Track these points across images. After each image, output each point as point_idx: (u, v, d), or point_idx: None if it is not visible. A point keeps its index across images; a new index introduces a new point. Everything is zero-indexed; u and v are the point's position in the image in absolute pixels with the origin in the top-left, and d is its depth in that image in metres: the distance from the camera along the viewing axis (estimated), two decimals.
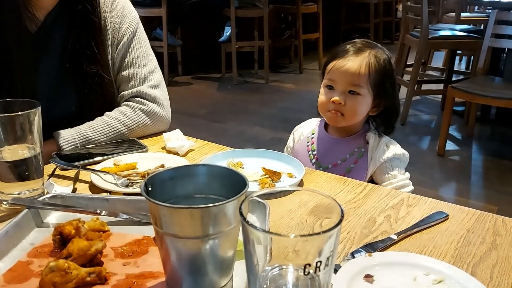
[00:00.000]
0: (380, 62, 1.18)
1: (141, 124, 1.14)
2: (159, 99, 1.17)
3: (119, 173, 0.91)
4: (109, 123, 1.11)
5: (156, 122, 1.16)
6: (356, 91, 1.17)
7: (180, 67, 4.94)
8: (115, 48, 1.18)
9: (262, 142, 3.26)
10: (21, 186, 0.78)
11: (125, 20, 1.18)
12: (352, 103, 1.17)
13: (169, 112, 1.20)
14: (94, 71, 1.12)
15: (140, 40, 1.20)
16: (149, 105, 1.15)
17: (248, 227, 0.45)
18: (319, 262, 0.44)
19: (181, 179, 0.60)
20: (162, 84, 1.21)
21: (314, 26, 5.30)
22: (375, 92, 1.18)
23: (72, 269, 0.57)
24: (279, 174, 0.93)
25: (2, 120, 0.75)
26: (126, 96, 1.17)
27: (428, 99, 4.35)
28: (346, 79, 1.17)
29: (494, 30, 3.07)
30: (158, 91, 1.19)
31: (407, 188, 1.15)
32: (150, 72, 1.20)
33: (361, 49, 1.19)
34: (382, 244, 0.70)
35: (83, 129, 1.08)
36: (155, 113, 1.16)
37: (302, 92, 4.58)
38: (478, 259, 0.68)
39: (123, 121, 1.12)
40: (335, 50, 1.23)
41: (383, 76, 1.18)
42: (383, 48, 1.23)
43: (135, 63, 1.18)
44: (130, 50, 1.18)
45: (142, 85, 1.17)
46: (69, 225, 0.66)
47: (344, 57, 1.18)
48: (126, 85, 1.18)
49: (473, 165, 3.07)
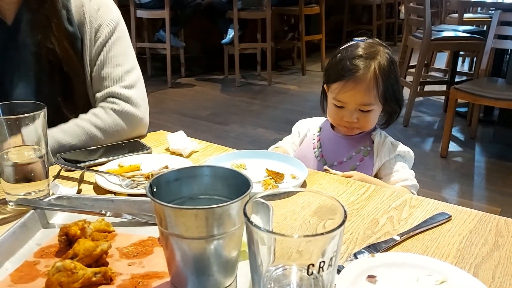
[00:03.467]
0: (386, 70, 1.16)
1: (114, 125, 1.10)
2: (133, 98, 1.12)
3: (124, 174, 0.92)
4: (81, 125, 1.07)
5: (131, 123, 1.12)
6: (367, 109, 1.17)
7: (183, 69, 4.95)
8: (92, 48, 1.14)
9: (265, 143, 3.26)
10: (27, 187, 0.79)
11: (104, 19, 1.14)
12: (364, 119, 1.18)
13: (144, 112, 1.15)
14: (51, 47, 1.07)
15: (118, 40, 1.16)
16: (121, 105, 1.11)
17: (252, 227, 0.45)
18: (323, 262, 0.45)
19: (185, 180, 0.60)
20: (138, 85, 1.17)
21: (317, 27, 5.31)
22: (384, 101, 1.18)
23: (78, 269, 0.58)
24: (282, 175, 0.93)
25: (8, 121, 0.75)
26: (100, 98, 1.13)
27: (430, 101, 4.35)
28: (356, 101, 1.16)
29: (497, 31, 3.06)
30: (132, 91, 1.14)
31: (410, 181, 1.15)
32: (125, 72, 1.15)
33: (367, 66, 1.15)
34: (385, 245, 0.71)
35: (55, 132, 1.04)
36: (128, 113, 1.11)
37: (305, 93, 4.59)
38: (481, 260, 0.68)
39: (95, 122, 1.08)
40: (341, 65, 1.17)
41: (389, 83, 1.18)
42: (386, 46, 1.21)
43: (110, 63, 1.14)
44: (106, 49, 1.14)
45: (115, 85, 1.13)
46: (75, 225, 0.66)
47: (351, 79, 1.15)
48: (101, 85, 1.14)
49: (476, 166, 3.06)
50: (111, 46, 1.15)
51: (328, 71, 1.23)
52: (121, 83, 1.13)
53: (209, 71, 5.19)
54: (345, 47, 1.23)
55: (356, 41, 1.23)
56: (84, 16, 1.13)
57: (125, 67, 1.16)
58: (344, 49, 1.22)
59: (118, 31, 1.17)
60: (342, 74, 1.16)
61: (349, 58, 1.17)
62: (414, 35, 3.91)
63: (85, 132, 1.07)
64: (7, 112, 0.78)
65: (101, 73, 1.14)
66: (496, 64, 3.52)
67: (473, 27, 4.42)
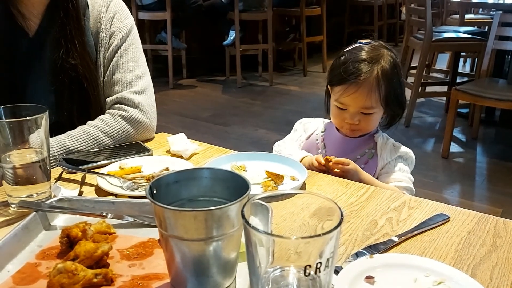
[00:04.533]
0: (389, 74, 1.16)
1: (122, 131, 1.11)
2: (141, 104, 1.14)
3: (125, 176, 0.92)
4: (88, 131, 1.08)
5: (138, 129, 1.13)
6: (369, 112, 1.18)
7: (184, 70, 4.97)
8: (106, 54, 1.17)
9: (266, 144, 3.26)
10: (29, 189, 0.80)
11: (117, 25, 1.17)
12: (366, 121, 1.19)
13: (152, 119, 1.17)
14: (73, 63, 1.10)
15: (130, 46, 1.18)
16: (129, 111, 1.12)
17: (250, 229, 0.46)
18: (320, 263, 0.45)
19: (185, 182, 0.61)
20: (148, 91, 1.18)
21: (318, 28, 5.32)
22: (386, 104, 1.19)
23: (79, 271, 0.59)
24: (282, 177, 0.94)
25: (11, 125, 0.76)
26: (109, 103, 1.15)
27: (432, 101, 4.35)
28: (357, 104, 1.17)
29: (498, 32, 3.06)
30: (142, 97, 1.15)
31: (404, 183, 1.15)
32: (136, 78, 1.17)
33: (369, 70, 1.15)
34: (384, 246, 0.71)
35: (62, 138, 1.05)
36: (136, 120, 1.13)
37: (306, 94, 4.59)
38: (478, 261, 0.69)
39: (103, 128, 1.09)
40: (344, 67, 1.17)
41: (392, 87, 1.18)
42: (390, 49, 1.21)
43: (122, 68, 1.16)
44: (118, 55, 1.16)
45: (125, 90, 1.15)
46: (76, 227, 0.67)
47: (354, 82, 1.15)
48: (111, 90, 1.16)
49: (477, 167, 3.06)
50: (123, 52, 1.17)
51: (331, 73, 1.23)
52: (131, 89, 1.15)
53: (211, 72, 5.20)
54: (349, 50, 1.22)
55: (360, 44, 1.22)
56: (100, 25, 1.17)
57: (135, 72, 1.18)
58: (347, 52, 1.21)
59: (131, 37, 1.19)
60: (345, 77, 1.16)
61: (352, 62, 1.17)
62: (415, 36, 3.92)
63: (93, 138, 1.08)
64: (10, 115, 0.79)
65: (112, 78, 1.16)
66: (497, 65, 3.52)
67: (474, 28, 4.43)
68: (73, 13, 1.10)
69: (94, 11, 1.16)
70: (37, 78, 1.12)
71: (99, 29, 1.17)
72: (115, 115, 1.12)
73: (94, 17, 1.16)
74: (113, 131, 1.10)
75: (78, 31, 1.12)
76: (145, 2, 4.41)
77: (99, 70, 1.17)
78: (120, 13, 1.19)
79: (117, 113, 1.12)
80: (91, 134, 1.08)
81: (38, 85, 1.13)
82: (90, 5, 1.16)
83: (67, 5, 1.09)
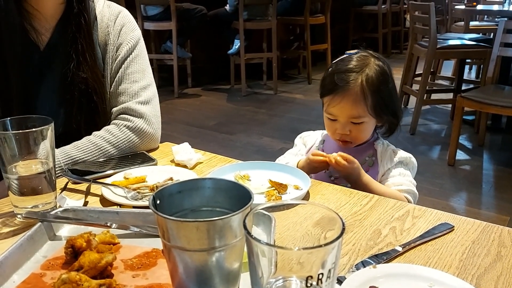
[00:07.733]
0: (374, 83, 1.17)
1: (127, 142, 1.12)
2: (147, 115, 1.15)
3: (129, 186, 0.93)
4: (94, 142, 1.09)
5: (143, 139, 1.14)
6: (358, 121, 1.18)
7: (189, 79, 5.00)
8: (112, 65, 1.18)
9: (271, 152, 3.27)
10: (34, 200, 0.80)
11: (125, 37, 1.19)
12: (356, 131, 1.20)
13: (157, 129, 1.18)
14: (83, 76, 1.11)
15: (137, 57, 1.20)
16: (134, 122, 1.13)
17: (252, 240, 0.46)
18: (321, 274, 0.45)
19: (188, 193, 0.61)
20: (153, 101, 1.19)
21: (322, 36, 5.34)
22: (375, 114, 1.19)
23: (84, 281, 0.59)
24: (285, 186, 0.94)
25: (17, 136, 0.77)
26: (115, 113, 1.16)
27: (437, 109, 4.34)
28: (344, 114, 1.18)
29: (503, 39, 3.06)
30: (147, 107, 1.16)
31: (404, 186, 1.14)
32: (141, 88, 1.18)
33: (354, 79, 1.16)
34: (387, 256, 0.71)
35: (68, 149, 1.06)
36: (141, 130, 1.13)
37: (311, 102, 4.60)
38: (483, 271, 0.68)
39: (108, 139, 1.10)
40: (330, 78, 1.20)
41: (380, 96, 1.17)
42: (378, 57, 1.22)
43: (128, 79, 1.17)
44: (125, 66, 1.18)
45: (131, 100, 1.16)
46: (81, 238, 0.68)
47: (339, 92, 1.17)
48: (117, 100, 1.17)
49: (484, 174, 3.04)
50: (130, 63, 1.19)
51: (321, 85, 1.26)
52: (136, 99, 1.16)
53: (216, 81, 5.23)
54: (336, 61, 1.25)
55: (348, 55, 1.24)
56: (108, 37, 1.18)
57: (141, 83, 1.19)
58: (335, 63, 1.24)
59: (137, 49, 1.21)
60: (331, 88, 1.19)
61: (337, 72, 1.20)
62: (419, 43, 3.92)
63: (99, 149, 1.09)
64: (16, 126, 0.80)
65: (118, 89, 1.18)
66: (503, 71, 3.51)
67: (479, 35, 4.43)
68: (84, 27, 1.12)
69: (103, 23, 1.18)
70: (48, 90, 1.14)
71: (107, 41, 1.18)
72: (121, 125, 1.13)
73: (103, 30, 1.18)
74: (119, 141, 1.11)
75: (89, 45, 1.13)
76: (150, 13, 4.45)
77: (106, 82, 1.19)
78: (128, 26, 1.21)
79: (123, 123, 1.13)
80: (97, 144, 1.09)
81: (48, 98, 1.14)
82: (99, 18, 1.18)
83: (79, 20, 1.11)
